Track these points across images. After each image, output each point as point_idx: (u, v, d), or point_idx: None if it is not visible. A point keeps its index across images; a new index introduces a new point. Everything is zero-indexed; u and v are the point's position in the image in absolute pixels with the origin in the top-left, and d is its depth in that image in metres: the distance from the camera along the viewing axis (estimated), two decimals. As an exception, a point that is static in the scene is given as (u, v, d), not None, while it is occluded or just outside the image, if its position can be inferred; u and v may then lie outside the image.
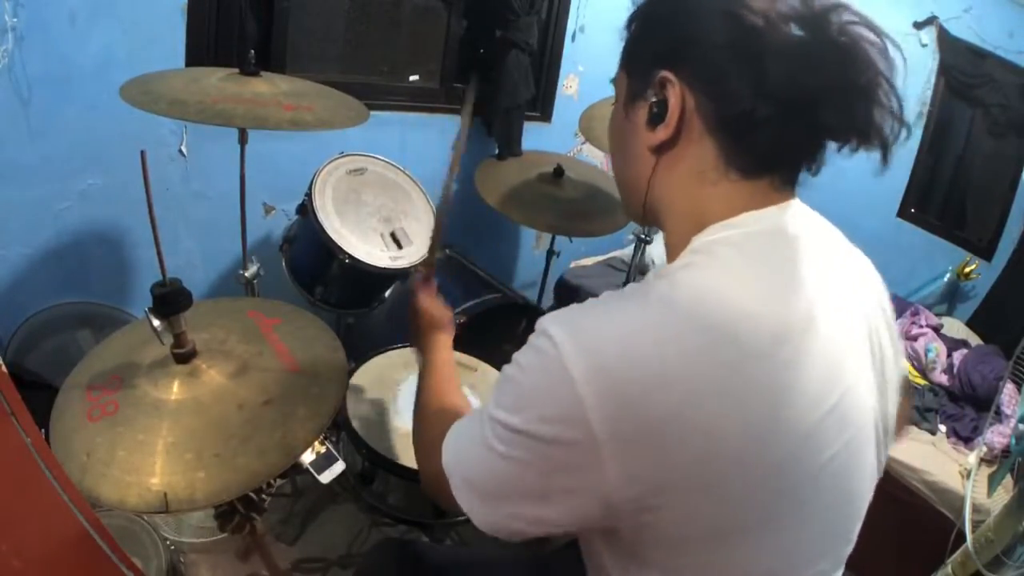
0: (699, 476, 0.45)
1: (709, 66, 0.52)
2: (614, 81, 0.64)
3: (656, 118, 0.55)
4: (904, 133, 0.51)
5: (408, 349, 1.40)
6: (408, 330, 0.95)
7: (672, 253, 0.57)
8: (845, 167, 0.57)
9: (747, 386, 0.45)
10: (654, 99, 0.55)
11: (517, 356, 0.51)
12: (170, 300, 0.75)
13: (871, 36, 0.49)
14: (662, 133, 0.55)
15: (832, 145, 0.53)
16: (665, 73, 0.53)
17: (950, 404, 1.92)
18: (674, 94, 0.53)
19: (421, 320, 0.90)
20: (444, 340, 0.88)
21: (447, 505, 0.57)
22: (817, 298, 0.50)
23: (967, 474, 1.51)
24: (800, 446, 0.47)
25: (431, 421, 0.73)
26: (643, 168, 0.58)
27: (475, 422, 0.55)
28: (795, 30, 0.50)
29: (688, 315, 0.45)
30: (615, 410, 0.44)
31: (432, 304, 0.92)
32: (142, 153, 0.67)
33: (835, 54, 0.49)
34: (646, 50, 0.58)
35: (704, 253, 0.51)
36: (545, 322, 0.49)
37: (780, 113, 0.50)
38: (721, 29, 0.51)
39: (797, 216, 0.54)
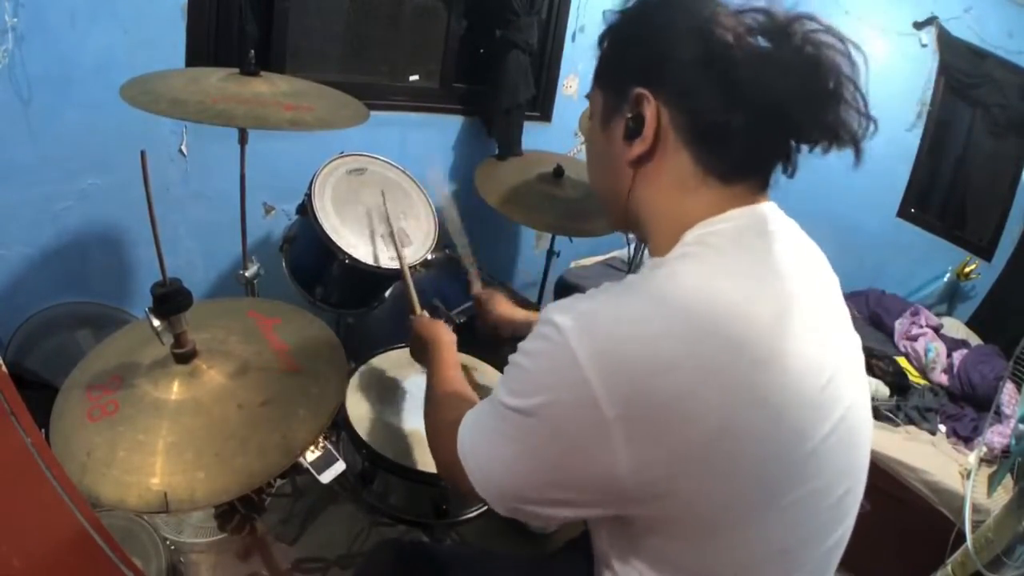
0: (711, 454, 0.46)
1: (682, 82, 0.54)
2: (589, 97, 0.67)
3: (633, 133, 0.57)
4: (872, 128, 0.53)
5: (408, 349, 1.40)
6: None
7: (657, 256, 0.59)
8: (844, 167, 0.58)
9: (754, 362, 0.46)
10: (630, 115, 0.57)
11: (523, 344, 0.53)
12: (170, 300, 0.75)
13: (834, 42, 0.51)
14: (639, 147, 0.57)
15: (806, 148, 0.55)
16: (640, 90, 0.56)
17: (950, 404, 1.92)
18: (650, 109, 0.55)
19: (424, 337, 0.96)
20: (449, 347, 0.92)
21: (464, 491, 0.59)
22: (804, 281, 0.53)
23: (967, 474, 1.51)
24: (805, 419, 0.49)
25: (443, 409, 0.75)
26: (622, 181, 0.61)
27: (487, 409, 0.57)
28: (762, 42, 0.52)
29: (692, 299, 0.47)
30: (623, 390, 0.45)
31: (433, 324, 1.00)
32: (142, 153, 0.66)
33: (801, 62, 0.51)
34: (620, 68, 0.60)
35: (698, 244, 0.53)
36: (549, 310, 0.51)
37: (752, 122, 0.52)
38: (692, 46, 0.54)
39: (775, 213, 0.57)
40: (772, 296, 0.50)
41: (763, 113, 0.52)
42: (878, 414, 1.78)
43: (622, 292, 0.50)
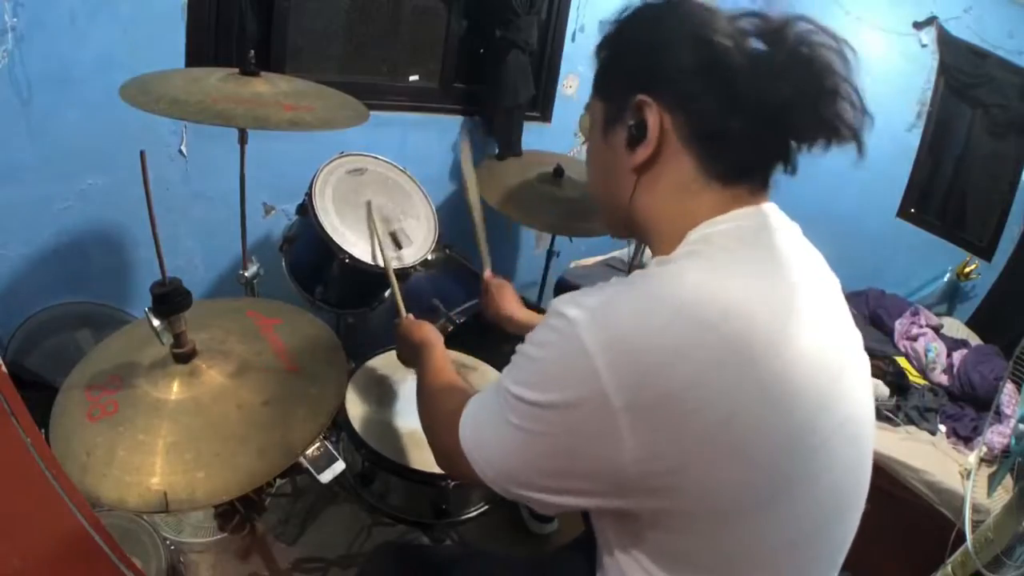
0: (719, 445, 0.46)
1: (682, 87, 0.55)
2: (588, 108, 0.67)
3: (635, 140, 0.58)
4: (869, 122, 0.54)
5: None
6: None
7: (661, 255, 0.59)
8: (844, 168, 0.58)
9: (760, 355, 0.47)
10: (632, 122, 0.58)
11: (531, 335, 0.54)
12: (170, 300, 0.75)
13: (829, 41, 0.53)
14: (642, 153, 0.57)
15: (807, 146, 0.56)
16: (642, 97, 0.56)
17: (950, 404, 1.92)
18: (652, 115, 0.56)
19: (413, 339, 0.96)
20: (439, 348, 0.91)
21: (465, 479, 0.60)
22: (808, 279, 0.54)
23: (967, 474, 1.51)
24: (813, 412, 0.49)
25: (441, 399, 0.75)
26: (624, 187, 0.61)
27: (491, 398, 0.57)
28: (758, 45, 0.53)
29: (697, 293, 0.48)
30: (632, 380, 0.46)
31: (420, 325, 0.99)
32: (142, 153, 0.67)
33: (798, 63, 0.52)
34: (619, 76, 0.61)
35: (703, 242, 0.54)
36: (558, 303, 0.52)
37: (752, 124, 0.53)
38: (691, 52, 0.55)
39: (776, 213, 0.58)
40: (778, 292, 0.51)
41: (761, 116, 0.53)
42: (878, 414, 1.78)
43: (630, 286, 0.51)
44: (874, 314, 2.30)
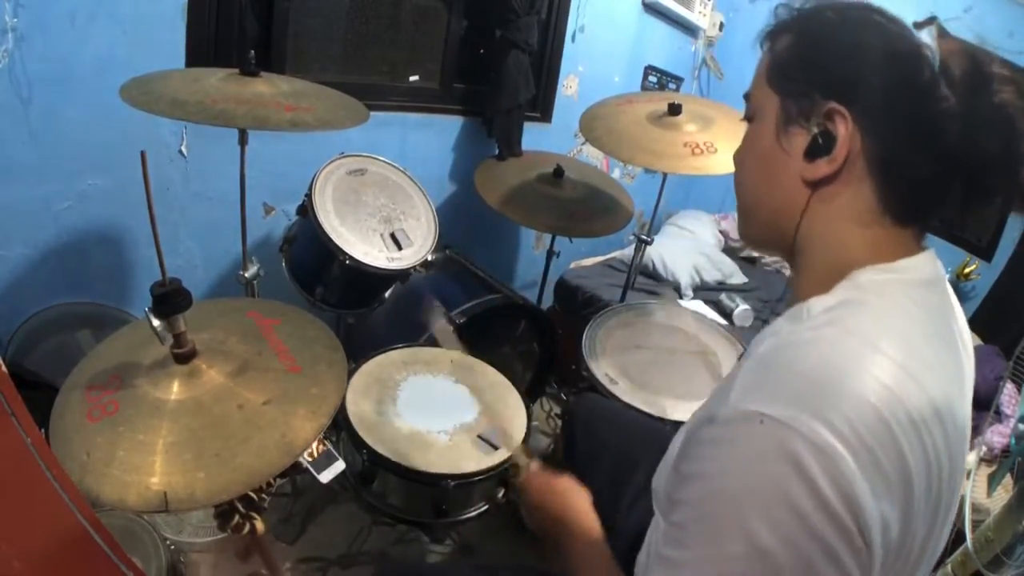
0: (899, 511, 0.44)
1: (881, 107, 0.50)
2: (751, 95, 0.60)
3: (818, 150, 0.52)
4: None
5: (408, 349, 1.40)
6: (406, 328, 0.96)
7: (805, 287, 0.55)
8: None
9: (935, 427, 0.45)
10: (818, 131, 0.52)
11: (703, 466, 0.45)
12: (170, 300, 0.75)
13: (1017, 99, 0.49)
14: (825, 168, 0.52)
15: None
16: (835, 105, 0.51)
17: (950, 404, 1.92)
18: (844, 130, 0.51)
19: (551, 510, 0.78)
20: (587, 515, 0.76)
21: None
22: (966, 351, 0.53)
23: (967, 474, 1.51)
24: (952, 479, 0.49)
25: None
26: (793, 199, 0.55)
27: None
28: (965, 90, 0.49)
29: (890, 367, 0.44)
30: (863, 484, 0.41)
31: (561, 488, 0.81)
32: (142, 153, 0.67)
33: (1003, 121, 0.48)
34: (811, 75, 0.54)
35: (874, 293, 0.49)
36: (739, 403, 0.44)
37: (946, 170, 0.49)
38: (900, 71, 0.50)
39: (940, 268, 0.54)
40: (946, 360, 0.49)
41: (958, 165, 0.48)
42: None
43: (816, 364, 0.44)
44: (874, 314, 2.30)
